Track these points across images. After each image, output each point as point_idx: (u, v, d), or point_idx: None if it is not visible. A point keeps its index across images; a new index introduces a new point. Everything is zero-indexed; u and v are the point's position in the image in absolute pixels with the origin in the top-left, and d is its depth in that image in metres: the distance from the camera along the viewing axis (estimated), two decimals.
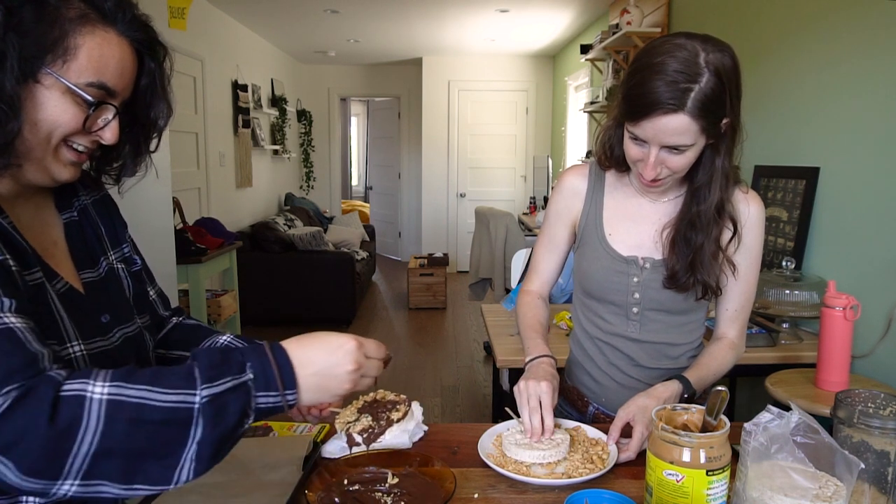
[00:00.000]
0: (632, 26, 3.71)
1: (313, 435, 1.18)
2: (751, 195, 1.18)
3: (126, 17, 0.79)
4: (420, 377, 4.13)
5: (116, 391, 0.67)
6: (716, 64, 0.99)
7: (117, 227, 0.99)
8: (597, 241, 1.22)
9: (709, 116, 1.00)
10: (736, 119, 1.07)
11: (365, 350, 0.82)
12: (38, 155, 0.77)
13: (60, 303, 0.81)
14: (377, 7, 4.94)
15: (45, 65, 0.73)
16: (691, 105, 0.98)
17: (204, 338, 1.07)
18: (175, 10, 3.51)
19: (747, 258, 1.18)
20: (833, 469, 0.77)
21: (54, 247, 0.87)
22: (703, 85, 0.98)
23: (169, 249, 2.99)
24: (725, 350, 1.21)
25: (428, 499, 0.93)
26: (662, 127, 1.01)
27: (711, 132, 1.04)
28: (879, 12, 1.87)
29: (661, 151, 1.05)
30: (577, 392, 1.32)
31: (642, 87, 1.00)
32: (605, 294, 1.22)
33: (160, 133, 0.91)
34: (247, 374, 0.72)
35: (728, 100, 1.02)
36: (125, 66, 0.80)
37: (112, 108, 0.79)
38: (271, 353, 0.75)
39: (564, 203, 1.27)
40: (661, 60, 0.99)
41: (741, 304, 1.21)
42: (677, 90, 0.98)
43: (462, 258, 7.43)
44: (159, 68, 0.85)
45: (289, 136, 6.96)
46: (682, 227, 1.14)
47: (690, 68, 0.98)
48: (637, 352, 1.23)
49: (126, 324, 0.92)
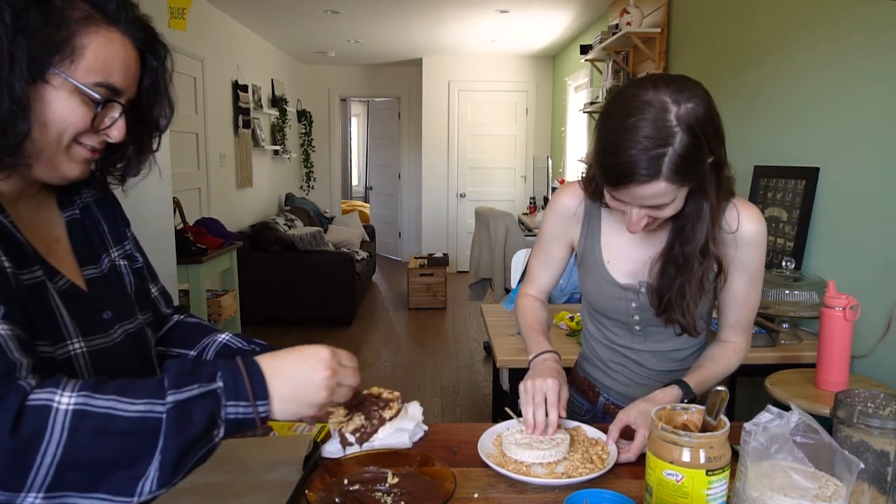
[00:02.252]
0: (632, 26, 3.71)
1: (313, 435, 1.18)
2: (751, 213, 1.12)
3: (128, 17, 0.80)
4: (420, 377, 4.13)
5: (83, 401, 0.66)
6: (687, 120, 0.93)
7: (119, 223, 1.00)
8: (596, 266, 1.22)
9: (688, 176, 0.97)
10: (720, 158, 1.03)
11: (338, 358, 0.81)
12: (48, 154, 0.78)
13: (61, 300, 0.81)
14: (377, 7, 4.94)
15: (52, 65, 0.74)
16: (666, 171, 0.94)
17: (204, 336, 1.07)
18: (175, 10, 3.51)
19: (744, 275, 1.15)
20: (833, 469, 0.77)
21: (57, 244, 0.87)
22: (677, 146, 0.93)
23: (169, 249, 2.99)
24: (729, 354, 1.21)
25: (428, 499, 0.93)
26: (640, 194, 0.98)
27: (695, 181, 1.01)
28: (879, 12, 1.87)
29: (643, 209, 1.03)
30: (588, 383, 1.34)
31: (615, 156, 0.96)
32: (608, 313, 1.25)
33: (163, 132, 0.92)
34: (217, 382, 0.72)
35: (706, 149, 0.97)
36: (129, 65, 0.81)
37: (119, 107, 0.81)
38: (244, 364, 0.75)
39: (561, 225, 1.26)
40: (632, 124, 0.94)
41: (743, 315, 1.20)
42: (650, 158, 0.93)
43: (462, 258, 7.43)
44: (161, 67, 0.87)
45: (289, 136, 6.96)
46: (666, 263, 1.12)
47: (661, 131, 0.93)
48: (645, 357, 1.26)
49: (127, 321, 0.92)
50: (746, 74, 2.69)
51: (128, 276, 0.96)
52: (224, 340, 1.06)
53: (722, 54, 2.94)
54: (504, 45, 6.58)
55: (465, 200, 7.49)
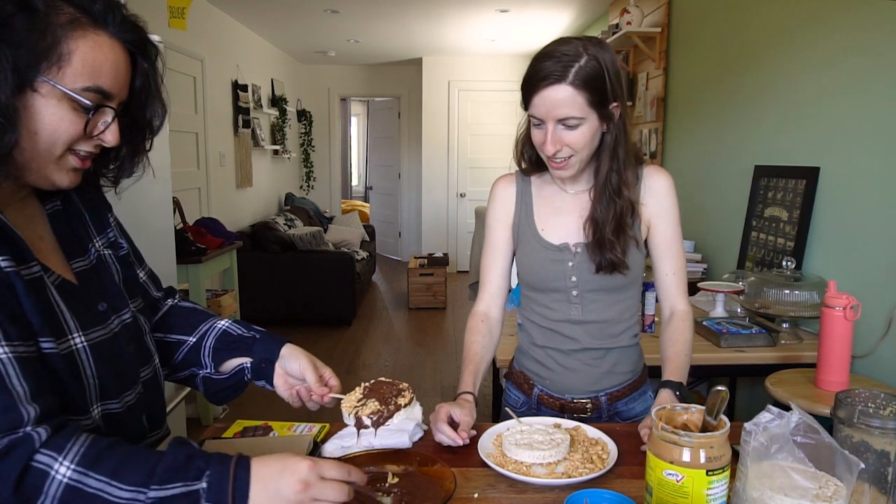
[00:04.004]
0: (632, 26, 3.71)
1: (313, 435, 1.18)
2: (657, 169, 1.30)
3: (116, 19, 0.79)
4: (420, 377, 4.13)
5: (78, 477, 0.70)
6: (595, 53, 1.13)
7: (101, 210, 0.98)
8: (531, 237, 1.31)
9: (592, 92, 1.12)
10: (623, 108, 1.19)
11: (320, 471, 0.77)
12: (39, 164, 0.77)
13: (59, 295, 0.81)
14: (377, 7, 4.94)
15: (40, 73, 0.73)
16: (573, 77, 1.11)
17: (201, 322, 1.07)
18: (175, 10, 3.51)
19: (666, 220, 1.28)
20: (833, 469, 0.77)
21: (41, 241, 0.86)
22: (584, 63, 1.11)
23: (169, 249, 2.99)
24: (682, 327, 1.29)
25: (428, 498, 0.93)
26: (551, 99, 1.13)
27: (602, 112, 1.15)
28: (879, 12, 1.87)
29: (558, 127, 1.15)
30: (523, 376, 1.39)
31: (532, 69, 1.15)
32: (546, 283, 1.30)
33: (155, 133, 0.91)
34: (201, 482, 0.73)
35: (609, 83, 1.13)
36: (119, 67, 0.80)
37: (111, 111, 0.80)
38: (234, 466, 0.75)
39: (500, 208, 1.36)
40: (549, 50, 1.14)
41: (677, 266, 1.30)
42: (560, 65, 1.11)
43: (462, 258, 7.43)
44: (152, 68, 0.85)
45: (289, 136, 6.96)
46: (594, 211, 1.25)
47: (572, 51, 1.12)
48: (581, 334, 1.30)
49: (121, 311, 0.91)
50: (746, 74, 2.68)
51: (114, 265, 0.95)
52: (224, 327, 1.07)
53: (722, 54, 2.93)
54: (504, 45, 6.57)
55: (465, 200, 7.48)
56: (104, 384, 0.84)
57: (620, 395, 1.32)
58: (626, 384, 1.33)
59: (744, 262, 2.57)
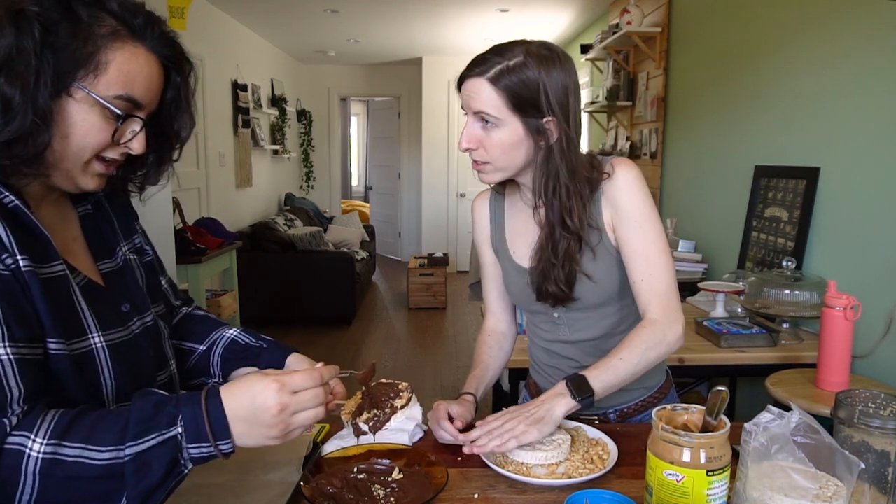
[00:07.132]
0: (632, 26, 3.71)
1: (313, 435, 1.18)
2: (618, 169, 1.13)
3: (155, 34, 0.82)
4: (420, 377, 4.13)
5: (53, 450, 0.70)
6: (534, 53, 1.05)
7: (129, 217, 1.02)
8: (506, 259, 1.27)
9: (512, 95, 1.04)
10: (566, 124, 1.08)
11: (290, 387, 0.77)
12: (68, 166, 0.80)
13: (82, 295, 0.83)
14: (377, 7, 4.94)
15: (77, 79, 0.76)
16: (493, 73, 1.05)
17: (211, 330, 1.09)
18: (175, 9, 3.51)
19: (628, 226, 1.12)
20: (833, 469, 0.76)
21: (74, 242, 0.89)
22: (510, 62, 1.05)
23: (169, 249, 2.99)
24: (638, 332, 1.10)
25: (419, 492, 0.93)
26: (469, 91, 1.07)
27: (527, 123, 1.06)
28: (879, 12, 1.87)
29: (476, 124, 1.09)
30: (535, 387, 1.38)
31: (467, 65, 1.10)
32: (527, 305, 1.27)
33: (183, 143, 0.93)
34: (176, 427, 0.73)
35: (543, 95, 1.05)
36: (153, 80, 0.82)
37: (139, 121, 0.82)
38: (205, 403, 0.75)
39: (479, 231, 1.33)
40: (493, 46, 1.09)
41: (648, 274, 1.11)
42: (487, 61, 1.06)
43: (462, 258, 7.43)
44: (185, 82, 0.88)
45: (289, 136, 6.96)
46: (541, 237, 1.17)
47: (509, 53, 1.06)
48: (576, 353, 1.26)
49: (143, 314, 0.93)
50: (746, 74, 2.68)
51: (139, 270, 0.97)
52: (232, 336, 1.09)
53: (722, 54, 2.93)
54: None
55: (465, 200, 7.48)
56: (121, 385, 0.85)
57: (631, 413, 1.27)
58: (639, 401, 1.26)
59: (744, 262, 2.57)
